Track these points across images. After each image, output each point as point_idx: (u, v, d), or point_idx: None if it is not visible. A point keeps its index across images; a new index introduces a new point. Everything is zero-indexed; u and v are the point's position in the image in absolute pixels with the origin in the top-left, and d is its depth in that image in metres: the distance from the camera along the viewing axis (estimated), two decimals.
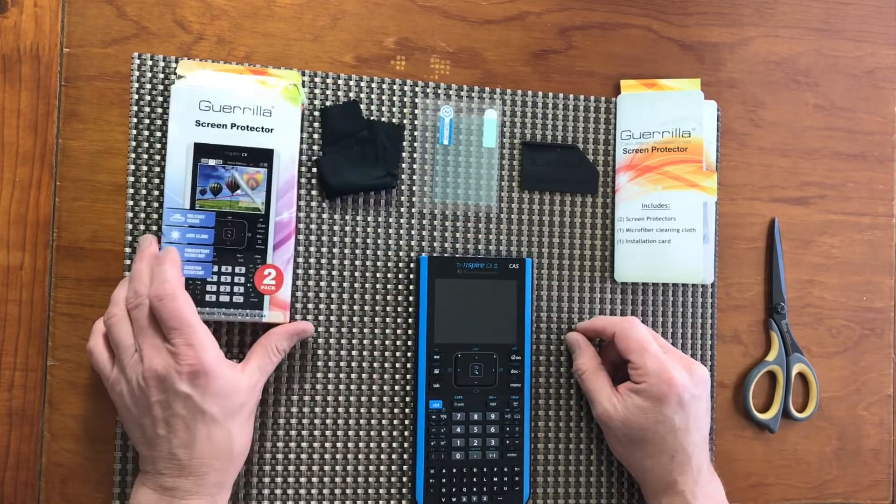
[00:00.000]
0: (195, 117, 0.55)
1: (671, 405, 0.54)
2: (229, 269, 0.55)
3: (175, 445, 0.48)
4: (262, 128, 0.56)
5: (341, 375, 0.58)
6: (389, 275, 0.59)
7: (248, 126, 0.56)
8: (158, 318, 0.49)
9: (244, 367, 0.52)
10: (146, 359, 0.48)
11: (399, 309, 0.59)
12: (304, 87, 0.59)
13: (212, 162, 0.55)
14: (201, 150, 0.55)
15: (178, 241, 0.54)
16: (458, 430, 0.58)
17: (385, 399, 0.59)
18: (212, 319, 0.55)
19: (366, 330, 0.59)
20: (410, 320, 0.59)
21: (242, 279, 0.55)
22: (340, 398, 0.58)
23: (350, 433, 0.58)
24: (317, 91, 0.59)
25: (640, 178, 0.61)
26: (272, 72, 0.58)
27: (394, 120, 0.60)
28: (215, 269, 0.55)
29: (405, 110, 0.60)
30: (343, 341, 0.58)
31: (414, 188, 0.60)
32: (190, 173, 0.55)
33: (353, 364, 0.58)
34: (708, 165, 0.61)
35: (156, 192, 0.56)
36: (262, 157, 0.56)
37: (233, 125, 0.56)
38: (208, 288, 0.55)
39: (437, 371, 0.58)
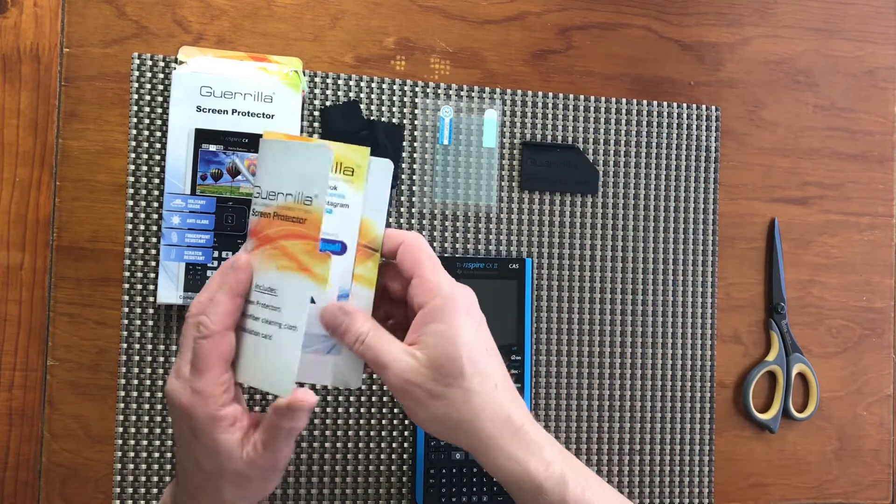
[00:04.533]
0: (196, 103, 0.55)
1: (472, 315, 0.45)
2: (230, 254, 0.55)
3: (184, 463, 0.46)
4: (263, 114, 0.56)
5: None
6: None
7: (249, 112, 0.56)
8: (186, 340, 0.44)
9: (248, 450, 0.44)
10: (168, 381, 0.44)
11: None
12: (303, 87, 0.59)
13: (213, 147, 0.55)
14: (202, 136, 0.55)
15: (179, 227, 0.55)
16: None
17: (385, 399, 0.59)
18: None
19: None
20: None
21: None
22: (341, 398, 0.58)
23: (350, 433, 0.58)
24: (317, 91, 0.59)
25: (259, 250, 0.45)
26: (273, 58, 0.58)
27: (394, 120, 0.60)
28: (216, 254, 0.55)
29: (405, 110, 0.60)
30: None
31: (414, 188, 0.60)
32: (191, 159, 0.55)
33: None
34: (363, 233, 0.46)
35: (156, 192, 0.56)
36: None
37: (234, 111, 0.56)
38: (209, 273, 0.55)
39: None
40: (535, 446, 0.45)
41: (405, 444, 0.59)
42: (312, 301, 0.44)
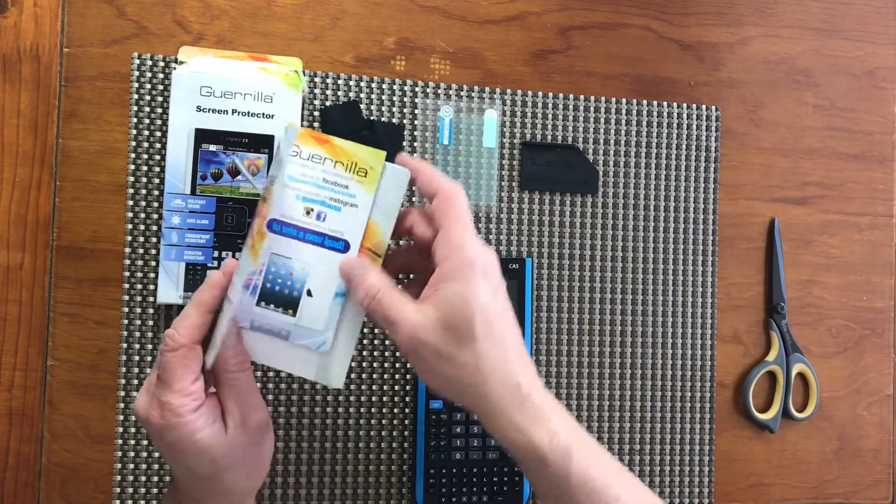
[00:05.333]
0: (196, 103, 0.55)
1: (491, 278, 0.43)
2: (229, 254, 0.55)
3: (172, 473, 0.46)
4: (263, 114, 0.56)
5: None
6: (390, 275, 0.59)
7: (249, 112, 0.56)
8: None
9: (227, 420, 0.44)
10: (137, 396, 0.44)
11: None
12: (303, 87, 0.59)
13: (213, 147, 0.55)
14: (202, 136, 0.55)
15: (179, 227, 0.55)
16: (458, 430, 0.58)
17: (385, 399, 0.59)
18: None
19: (366, 330, 0.59)
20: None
21: None
22: (340, 398, 0.58)
23: (350, 433, 0.58)
24: (317, 91, 0.59)
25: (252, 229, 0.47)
26: (273, 58, 0.58)
27: (394, 120, 0.60)
28: (216, 254, 0.55)
29: (405, 110, 0.60)
30: None
31: (414, 188, 0.60)
32: (191, 159, 0.55)
33: (354, 364, 0.58)
34: (350, 236, 0.46)
35: (156, 192, 0.56)
36: (263, 143, 0.56)
37: (234, 111, 0.56)
38: (209, 273, 0.55)
39: None
40: (542, 416, 0.43)
41: (405, 444, 0.59)
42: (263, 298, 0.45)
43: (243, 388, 0.45)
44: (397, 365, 0.59)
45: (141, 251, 0.56)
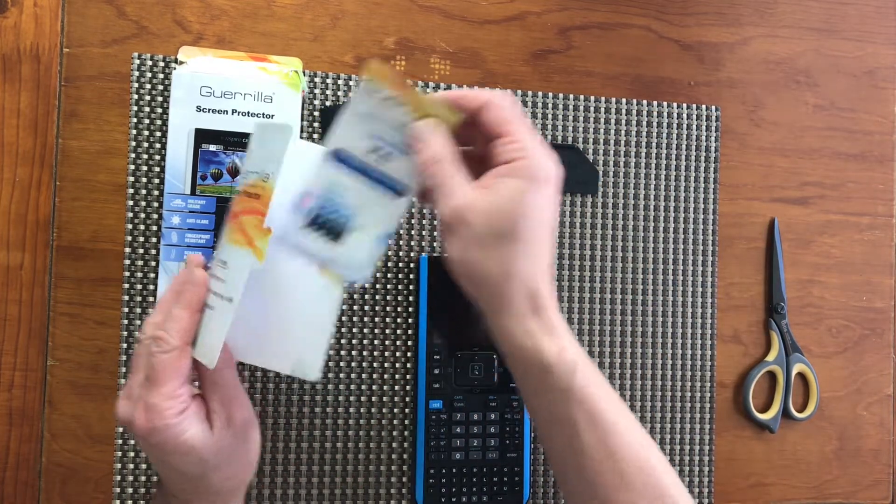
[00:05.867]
0: (196, 103, 0.55)
1: (550, 189, 0.43)
2: None
3: (158, 473, 0.46)
4: (263, 114, 0.56)
5: (341, 375, 0.58)
6: (389, 275, 0.59)
7: (248, 112, 0.56)
8: (140, 360, 0.43)
9: (213, 419, 0.44)
10: (118, 403, 0.44)
11: (399, 309, 0.59)
12: (303, 87, 0.59)
13: (213, 147, 0.55)
14: (202, 136, 0.55)
15: (179, 227, 0.55)
16: (458, 430, 0.58)
17: (385, 399, 0.59)
18: None
19: (366, 330, 0.59)
20: (410, 320, 0.59)
21: None
22: (340, 398, 0.58)
23: (350, 433, 0.58)
24: (317, 91, 0.59)
25: (226, 226, 0.46)
26: (273, 58, 0.58)
27: None
28: (216, 254, 0.55)
29: None
30: (343, 341, 0.58)
31: None
32: (191, 159, 0.55)
33: (353, 364, 0.58)
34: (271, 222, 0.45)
35: (156, 192, 0.56)
36: None
37: (234, 111, 0.56)
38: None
39: (437, 371, 0.58)
40: (555, 330, 0.43)
41: (405, 444, 0.59)
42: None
43: (228, 385, 0.45)
44: (397, 365, 0.59)
45: (141, 251, 0.56)
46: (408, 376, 0.59)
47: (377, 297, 0.59)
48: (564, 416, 0.43)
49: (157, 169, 0.56)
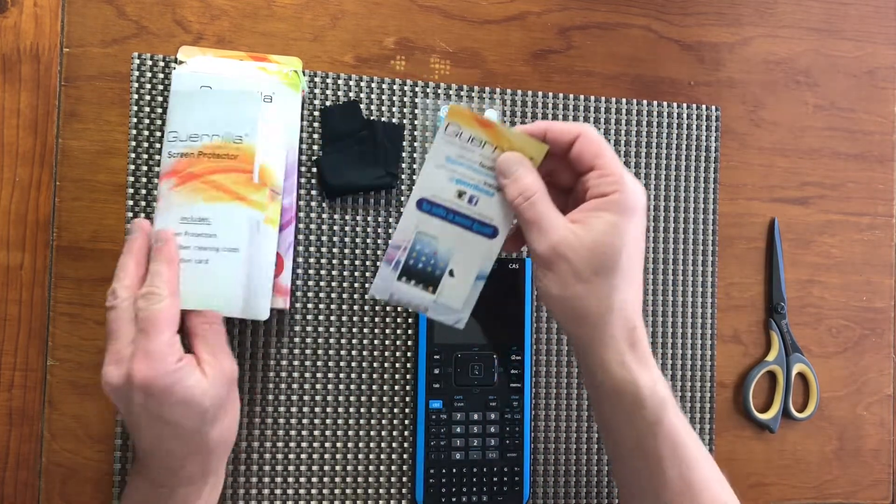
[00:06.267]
0: None
1: (642, 219, 0.45)
2: None
3: (145, 445, 0.46)
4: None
5: (341, 375, 0.58)
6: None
7: None
8: (137, 318, 0.45)
9: (205, 369, 0.46)
10: (105, 371, 0.44)
11: (399, 309, 0.59)
12: (303, 87, 0.59)
13: None
14: None
15: None
16: (458, 430, 0.58)
17: (385, 399, 0.59)
18: None
19: (366, 330, 0.59)
20: (410, 320, 0.59)
21: None
22: (340, 398, 0.58)
23: (350, 433, 0.58)
24: (317, 91, 0.59)
25: (183, 186, 0.51)
26: (273, 58, 0.58)
27: (394, 120, 0.60)
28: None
29: (405, 110, 0.60)
30: (343, 341, 0.58)
31: (414, 188, 0.60)
32: None
33: (353, 364, 0.58)
34: (263, 178, 0.52)
35: (155, 192, 0.56)
36: None
37: None
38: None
39: (437, 371, 0.58)
40: (648, 363, 0.45)
41: (405, 444, 0.59)
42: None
43: (217, 338, 0.47)
44: (397, 365, 0.59)
45: None
46: (408, 376, 0.59)
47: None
48: (651, 449, 0.45)
49: (157, 168, 0.56)
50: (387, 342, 0.59)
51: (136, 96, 0.56)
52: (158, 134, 0.56)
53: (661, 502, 0.46)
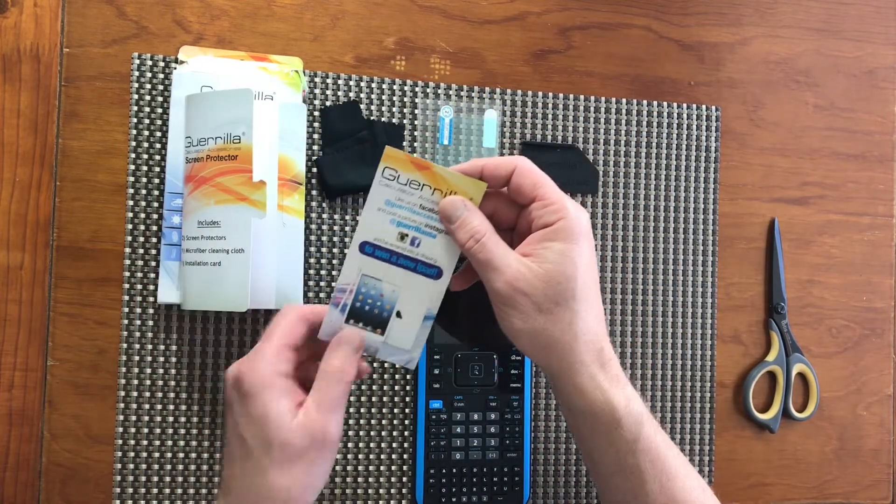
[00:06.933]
0: None
1: (590, 242, 0.45)
2: None
3: (227, 452, 0.44)
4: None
5: None
6: None
7: None
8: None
9: (300, 412, 0.42)
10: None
11: None
12: (303, 87, 0.59)
13: None
14: None
15: (179, 226, 0.55)
16: (458, 430, 0.58)
17: (385, 399, 0.59)
18: None
19: None
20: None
21: None
22: None
23: (350, 433, 0.58)
24: (317, 91, 0.59)
25: (197, 191, 0.52)
26: (274, 58, 0.58)
27: (394, 120, 0.60)
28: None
29: (405, 110, 0.60)
30: None
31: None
32: None
33: None
34: (263, 175, 0.52)
35: (156, 192, 0.56)
36: None
37: None
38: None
39: (437, 371, 0.58)
40: (620, 381, 0.46)
41: (405, 444, 0.59)
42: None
43: (334, 395, 0.43)
44: (397, 365, 0.59)
45: (141, 251, 0.56)
46: (408, 376, 0.59)
47: None
48: (632, 466, 0.45)
49: (157, 169, 0.56)
50: None
51: (136, 96, 0.56)
52: (158, 134, 0.56)
53: None
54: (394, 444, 0.59)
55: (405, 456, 0.59)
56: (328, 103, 0.59)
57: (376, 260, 0.45)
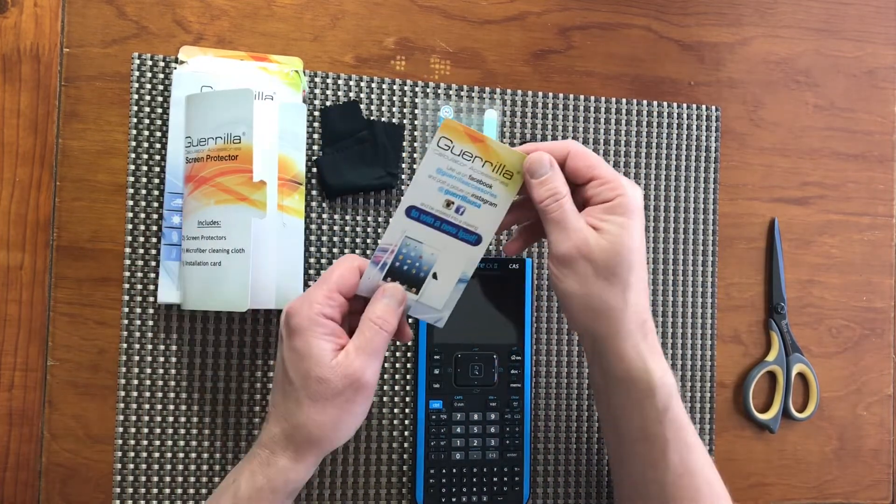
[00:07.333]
0: None
1: (643, 218, 0.48)
2: None
3: (274, 387, 0.48)
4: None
5: None
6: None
7: None
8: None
9: (339, 354, 0.46)
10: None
11: None
12: (303, 87, 0.59)
13: None
14: None
15: (179, 226, 0.55)
16: (458, 430, 0.58)
17: (385, 399, 0.59)
18: None
19: None
20: (410, 321, 0.59)
21: None
22: None
23: None
24: (317, 91, 0.59)
25: (197, 191, 0.52)
26: (274, 58, 0.58)
27: (394, 120, 0.60)
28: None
29: (405, 110, 0.60)
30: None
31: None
32: None
33: None
34: (263, 175, 0.53)
35: (156, 192, 0.56)
36: None
37: None
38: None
39: (437, 371, 0.58)
40: (658, 353, 0.49)
41: (405, 444, 0.59)
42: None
43: (374, 341, 0.46)
44: (397, 365, 0.59)
45: (141, 251, 0.56)
46: (408, 376, 0.59)
47: None
48: (657, 434, 0.48)
49: (157, 169, 0.56)
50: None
51: (136, 96, 0.56)
52: (158, 134, 0.56)
53: (665, 487, 0.49)
54: (394, 444, 0.59)
55: (405, 456, 0.59)
56: (328, 103, 0.59)
57: (420, 224, 0.48)
